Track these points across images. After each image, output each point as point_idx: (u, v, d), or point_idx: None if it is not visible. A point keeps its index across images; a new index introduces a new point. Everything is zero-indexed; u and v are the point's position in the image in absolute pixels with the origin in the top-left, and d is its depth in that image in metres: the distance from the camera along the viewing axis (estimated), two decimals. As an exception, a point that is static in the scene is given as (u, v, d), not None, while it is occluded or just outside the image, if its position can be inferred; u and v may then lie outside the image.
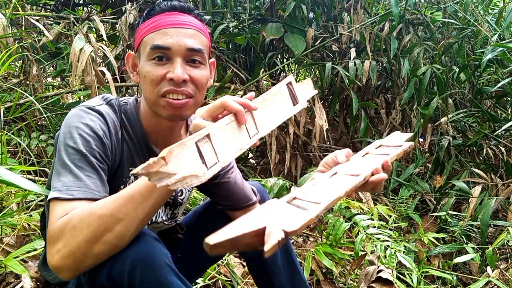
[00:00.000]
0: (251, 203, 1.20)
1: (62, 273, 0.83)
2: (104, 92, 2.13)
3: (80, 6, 3.71)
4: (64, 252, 0.80)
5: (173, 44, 0.97)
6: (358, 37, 3.11)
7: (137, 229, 0.83)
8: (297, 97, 0.93)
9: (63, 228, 0.81)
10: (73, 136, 0.93)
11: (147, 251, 0.83)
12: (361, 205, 2.12)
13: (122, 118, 1.06)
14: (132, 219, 0.81)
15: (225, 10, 3.32)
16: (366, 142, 3.15)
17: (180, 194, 1.19)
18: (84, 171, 0.90)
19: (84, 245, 0.80)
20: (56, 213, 0.85)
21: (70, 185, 0.88)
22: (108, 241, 0.80)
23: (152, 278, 0.82)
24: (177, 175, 0.65)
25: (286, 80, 0.92)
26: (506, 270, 2.07)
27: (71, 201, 0.86)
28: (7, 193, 1.71)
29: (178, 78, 0.96)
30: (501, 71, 3.13)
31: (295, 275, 1.28)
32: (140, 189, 0.83)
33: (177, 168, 0.65)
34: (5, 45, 2.23)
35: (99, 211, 0.81)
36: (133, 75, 1.09)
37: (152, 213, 0.85)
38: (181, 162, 0.66)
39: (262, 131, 0.83)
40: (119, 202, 0.82)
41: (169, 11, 1.01)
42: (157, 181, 0.64)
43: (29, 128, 2.41)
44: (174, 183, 0.65)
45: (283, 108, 0.90)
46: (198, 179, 0.68)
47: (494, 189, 2.65)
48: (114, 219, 0.80)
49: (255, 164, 3.40)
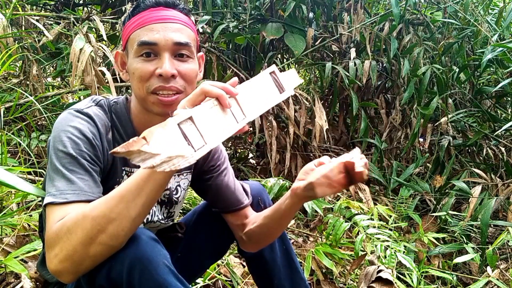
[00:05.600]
0: (242, 206, 1.20)
1: (62, 277, 0.83)
2: (104, 92, 2.13)
3: (80, 6, 3.71)
4: (62, 256, 0.81)
5: (159, 40, 0.97)
6: (358, 37, 3.11)
7: (131, 229, 0.83)
8: (283, 85, 0.93)
9: (59, 232, 0.82)
10: (62, 140, 0.93)
11: (145, 252, 0.83)
12: (361, 205, 2.12)
13: (113, 118, 1.05)
14: (125, 218, 0.81)
15: (225, 10, 3.32)
16: (366, 142, 3.15)
17: (175, 192, 1.18)
18: (76, 174, 0.90)
19: (80, 248, 0.80)
20: (52, 218, 0.85)
21: (63, 189, 0.88)
22: (103, 242, 0.80)
23: (150, 279, 0.82)
24: (161, 155, 0.64)
25: (269, 69, 0.92)
26: (506, 270, 2.07)
27: (66, 205, 0.86)
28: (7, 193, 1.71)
29: (166, 73, 0.96)
30: (501, 71, 3.13)
31: (295, 275, 1.28)
32: (130, 187, 0.82)
33: (160, 148, 0.64)
34: (5, 45, 2.23)
35: (92, 213, 0.81)
36: (122, 74, 1.09)
37: (145, 211, 0.84)
38: (164, 142, 0.65)
39: (249, 116, 0.83)
40: (111, 202, 0.82)
41: (154, 7, 1.01)
42: (141, 162, 0.63)
43: (29, 128, 2.41)
44: (160, 164, 0.64)
45: (269, 94, 0.90)
46: (186, 160, 0.67)
47: (494, 189, 2.65)
48: (107, 220, 0.80)
49: (255, 164, 3.40)
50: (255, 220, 1.17)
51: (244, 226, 1.19)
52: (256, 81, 0.88)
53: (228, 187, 1.19)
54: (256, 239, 1.18)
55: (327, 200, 2.42)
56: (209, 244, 1.26)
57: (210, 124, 0.74)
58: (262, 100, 0.87)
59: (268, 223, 1.12)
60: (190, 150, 0.68)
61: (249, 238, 1.18)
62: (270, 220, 1.11)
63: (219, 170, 1.20)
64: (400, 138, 3.19)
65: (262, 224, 1.13)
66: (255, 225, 1.15)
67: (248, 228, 1.18)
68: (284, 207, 1.03)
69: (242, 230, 1.19)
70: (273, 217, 1.10)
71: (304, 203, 1.18)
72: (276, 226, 1.13)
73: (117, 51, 1.10)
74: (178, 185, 1.19)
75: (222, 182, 1.19)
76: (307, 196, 0.90)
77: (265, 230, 1.14)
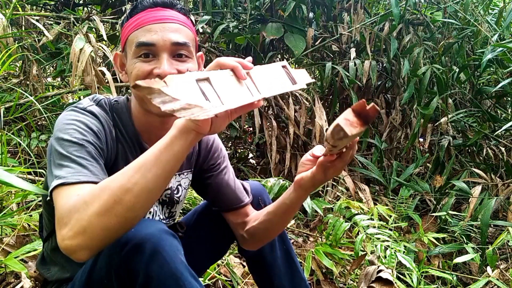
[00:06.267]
0: (243, 204, 1.20)
1: (75, 254, 0.80)
2: (104, 92, 2.13)
3: (80, 6, 3.71)
4: (75, 229, 0.78)
5: (157, 40, 0.97)
6: (358, 37, 3.11)
7: (147, 201, 0.82)
8: (294, 79, 0.94)
9: (75, 205, 0.80)
10: (68, 131, 0.92)
11: (165, 246, 0.84)
12: (361, 205, 2.12)
13: (114, 117, 1.05)
14: (141, 189, 0.79)
15: (225, 10, 3.32)
16: (366, 142, 3.15)
17: (176, 192, 1.19)
18: (85, 160, 0.89)
19: (95, 219, 0.78)
20: (64, 197, 0.83)
21: (74, 171, 0.86)
22: (119, 214, 0.78)
23: (169, 272, 0.82)
24: (181, 100, 0.64)
25: (280, 62, 0.94)
26: (506, 270, 2.07)
27: (78, 184, 0.84)
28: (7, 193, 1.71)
29: (164, 73, 0.95)
30: (501, 71, 3.13)
31: (295, 275, 1.28)
32: (148, 158, 0.81)
33: (180, 94, 0.64)
34: (5, 45, 2.23)
35: (109, 184, 0.80)
36: (121, 75, 1.09)
37: (162, 184, 0.83)
38: (183, 91, 0.65)
39: (263, 93, 0.83)
40: (128, 173, 0.81)
41: (152, 7, 1.01)
42: (161, 104, 0.63)
43: (29, 128, 2.41)
44: (179, 110, 0.64)
45: (282, 81, 0.91)
46: (204, 113, 0.66)
47: (494, 189, 2.65)
48: (124, 190, 0.79)
49: (255, 164, 3.40)
50: (256, 218, 1.17)
51: (245, 224, 1.20)
52: (269, 68, 0.89)
53: (228, 186, 1.20)
54: (259, 236, 1.18)
55: (327, 200, 2.42)
56: (210, 244, 1.27)
57: (226, 88, 0.74)
58: (276, 83, 0.88)
59: (271, 219, 1.12)
60: (208, 104, 0.68)
61: (250, 235, 1.19)
62: (274, 216, 1.11)
63: (219, 168, 1.20)
64: (400, 138, 3.19)
65: (265, 221, 1.14)
66: (258, 222, 1.15)
67: (250, 225, 1.18)
68: (289, 201, 1.04)
69: (243, 228, 1.20)
70: (276, 212, 1.10)
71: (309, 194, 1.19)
72: (279, 222, 1.13)
73: (116, 53, 1.10)
74: (179, 185, 1.19)
75: (222, 180, 1.20)
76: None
77: (269, 226, 1.14)
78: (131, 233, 0.84)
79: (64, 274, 1.08)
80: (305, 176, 0.96)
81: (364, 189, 2.53)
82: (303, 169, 0.98)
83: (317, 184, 0.97)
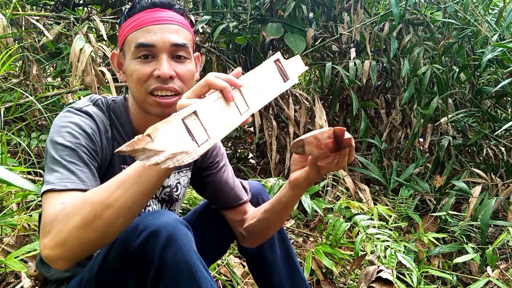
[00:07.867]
0: (241, 202, 1.21)
1: (54, 264, 0.82)
2: (104, 92, 2.13)
3: (80, 6, 3.71)
4: (56, 240, 0.80)
5: (157, 41, 0.97)
6: (358, 37, 3.11)
7: (126, 218, 0.82)
8: (287, 73, 0.93)
9: (58, 215, 0.81)
10: (62, 135, 0.93)
11: (180, 234, 0.86)
12: (361, 205, 2.12)
13: (111, 117, 1.06)
14: (121, 205, 0.80)
15: (225, 10, 3.32)
16: (366, 142, 3.15)
17: (176, 190, 1.19)
18: (75, 166, 0.90)
19: (74, 233, 0.79)
20: (50, 204, 0.85)
21: (62, 177, 0.88)
22: (98, 229, 0.79)
23: (182, 259, 0.84)
24: (165, 152, 0.64)
25: (273, 57, 0.92)
26: (506, 270, 2.07)
27: (64, 192, 0.86)
28: (7, 193, 1.71)
29: (164, 75, 0.97)
30: (501, 71, 3.13)
31: (295, 274, 1.28)
32: (130, 175, 0.82)
33: (165, 145, 0.64)
34: (5, 45, 2.23)
35: (91, 198, 0.81)
36: (119, 74, 1.09)
37: (142, 201, 0.83)
38: (168, 139, 0.65)
39: (252, 107, 0.83)
40: (110, 188, 0.81)
41: (150, 8, 1.01)
42: (146, 160, 0.63)
43: (29, 128, 2.41)
44: (164, 161, 0.64)
45: (274, 84, 0.90)
46: (190, 156, 0.67)
47: (494, 189, 2.65)
48: (104, 205, 0.79)
49: (255, 164, 3.40)
50: (254, 215, 1.18)
51: (243, 222, 1.20)
52: (260, 70, 0.88)
53: (227, 184, 1.20)
54: (257, 233, 1.18)
55: (327, 200, 2.42)
56: (209, 243, 1.26)
57: (214, 117, 0.75)
58: (266, 90, 0.88)
59: (269, 217, 1.13)
60: (194, 146, 0.69)
61: (249, 233, 1.19)
62: (271, 214, 1.12)
63: (218, 166, 1.21)
64: (400, 138, 3.19)
65: (263, 218, 1.14)
66: (256, 219, 1.16)
67: (248, 223, 1.19)
68: (286, 199, 1.04)
69: (242, 225, 1.20)
70: (274, 210, 1.10)
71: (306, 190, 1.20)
72: (277, 219, 1.13)
73: (113, 52, 1.10)
74: (178, 183, 1.19)
75: (221, 178, 1.20)
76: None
77: (266, 224, 1.15)
78: (148, 221, 0.86)
79: (65, 273, 1.08)
80: (299, 176, 0.96)
81: (364, 189, 2.53)
82: (296, 167, 0.98)
83: (312, 182, 0.98)
